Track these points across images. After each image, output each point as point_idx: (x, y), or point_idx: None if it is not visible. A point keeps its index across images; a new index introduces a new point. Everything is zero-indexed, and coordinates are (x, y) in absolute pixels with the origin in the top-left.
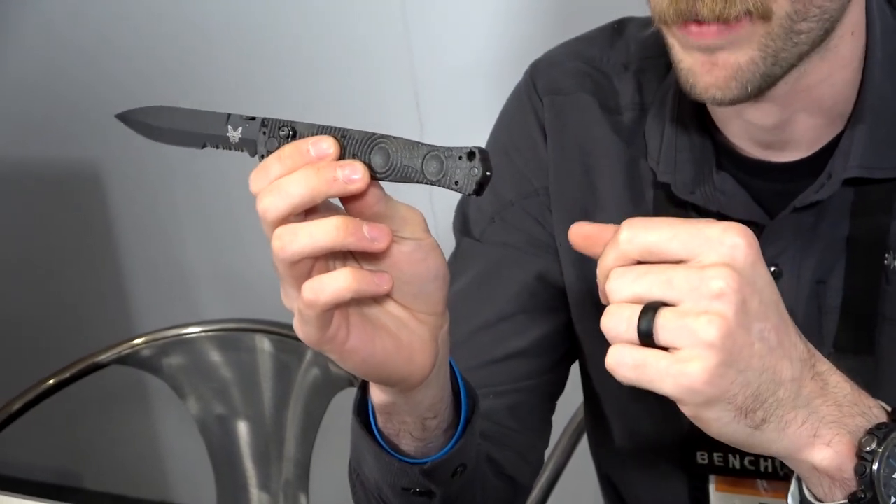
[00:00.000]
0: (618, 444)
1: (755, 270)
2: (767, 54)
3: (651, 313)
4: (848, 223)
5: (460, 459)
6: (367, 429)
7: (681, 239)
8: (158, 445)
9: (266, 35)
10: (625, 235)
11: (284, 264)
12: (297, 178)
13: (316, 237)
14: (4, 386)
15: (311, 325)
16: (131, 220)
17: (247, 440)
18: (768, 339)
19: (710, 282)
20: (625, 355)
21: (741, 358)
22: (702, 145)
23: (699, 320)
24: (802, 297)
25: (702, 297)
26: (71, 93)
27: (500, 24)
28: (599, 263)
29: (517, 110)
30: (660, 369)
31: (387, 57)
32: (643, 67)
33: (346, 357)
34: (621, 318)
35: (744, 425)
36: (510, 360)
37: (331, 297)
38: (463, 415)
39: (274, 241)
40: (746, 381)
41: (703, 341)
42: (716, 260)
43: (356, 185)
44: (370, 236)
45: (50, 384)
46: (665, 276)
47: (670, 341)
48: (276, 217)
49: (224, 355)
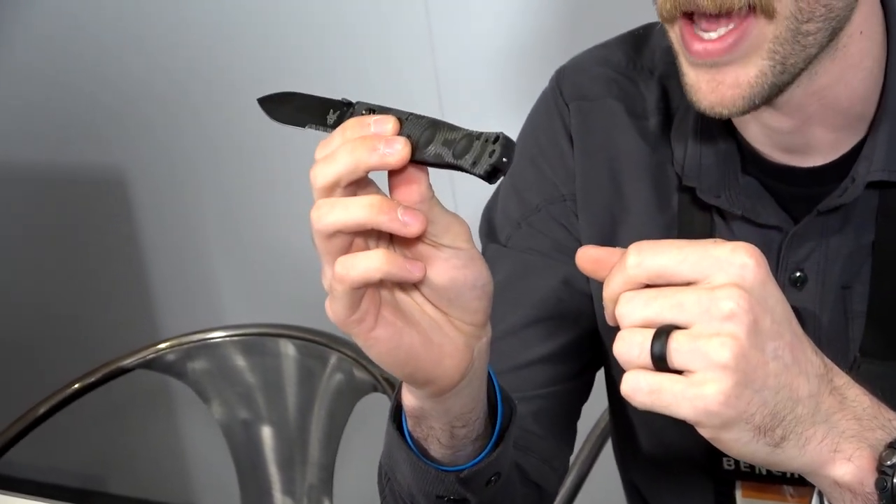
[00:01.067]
0: (643, 450)
1: (765, 289)
2: (776, 62)
3: (664, 337)
4: (873, 227)
5: (496, 468)
6: (401, 435)
7: (690, 261)
8: (183, 450)
9: (289, 28)
10: (633, 260)
11: (320, 236)
12: (345, 147)
13: (350, 211)
14: (30, 390)
15: (340, 302)
16: (156, 224)
17: (271, 445)
18: (783, 356)
19: (720, 303)
20: (640, 381)
21: (756, 378)
22: (726, 150)
23: (712, 342)
24: (828, 302)
25: (713, 319)
26: (96, 97)
27: (522, 15)
28: (606, 287)
29: (543, 116)
30: (675, 393)
31: (409, 48)
32: (668, 73)
33: (371, 344)
34: (633, 343)
35: (763, 444)
36: (535, 366)
37: (361, 274)
38: (498, 423)
39: (312, 212)
40: (763, 401)
41: (717, 363)
42: (725, 281)
43: (394, 158)
44: (403, 219)
45: (75, 388)
46: (675, 299)
47: (684, 364)
48: (322, 185)
49: (248, 360)
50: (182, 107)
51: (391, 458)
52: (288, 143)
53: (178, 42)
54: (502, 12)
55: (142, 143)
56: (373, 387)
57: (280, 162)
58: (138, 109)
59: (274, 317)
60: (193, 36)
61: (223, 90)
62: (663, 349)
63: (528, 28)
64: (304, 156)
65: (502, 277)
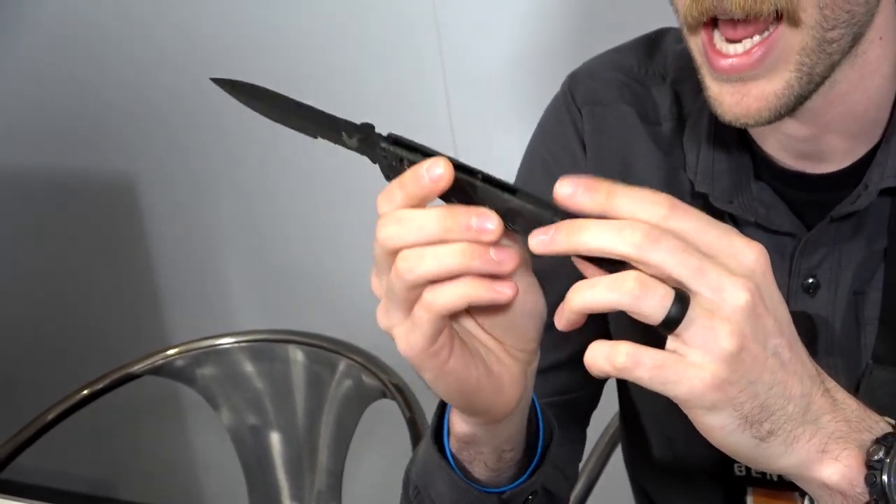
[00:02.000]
0: (654, 456)
1: (772, 289)
2: (803, 73)
3: (683, 304)
4: (886, 234)
5: (534, 487)
6: (442, 456)
7: (713, 234)
8: (191, 456)
9: (301, 36)
10: (662, 209)
11: (406, 285)
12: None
13: (443, 261)
14: (39, 395)
15: (421, 331)
16: (166, 230)
17: (280, 451)
18: (781, 354)
19: (737, 291)
20: (644, 356)
21: (752, 370)
22: (739, 156)
23: (723, 326)
24: (840, 308)
25: (725, 301)
26: (106, 101)
27: (530, 26)
28: (622, 206)
29: (555, 121)
30: (678, 371)
31: (418, 60)
32: (680, 78)
33: (443, 377)
34: (655, 292)
35: (749, 436)
36: (548, 373)
37: (451, 299)
38: (540, 444)
39: (399, 263)
40: (755, 392)
41: (722, 350)
42: (739, 270)
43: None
44: (497, 258)
45: (84, 394)
46: (700, 264)
47: (690, 337)
48: (395, 248)
49: (257, 366)
50: (193, 112)
51: (426, 475)
52: (299, 149)
53: (189, 45)
54: (510, 23)
55: (151, 148)
56: (381, 393)
57: (291, 168)
58: (148, 114)
59: (282, 323)
60: (205, 39)
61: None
62: (680, 315)
63: (537, 38)
64: (315, 162)
65: None
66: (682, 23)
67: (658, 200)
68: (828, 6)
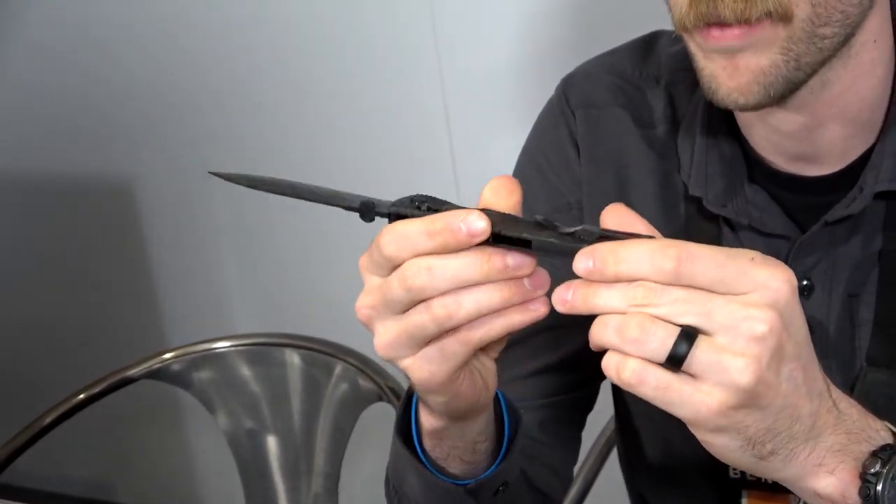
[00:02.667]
0: (649, 458)
1: (794, 312)
2: (790, 58)
3: (689, 341)
4: (881, 237)
5: (504, 478)
6: (409, 448)
7: (730, 270)
8: (188, 459)
9: (299, 39)
10: (671, 259)
11: (443, 329)
12: (467, 267)
13: (483, 304)
14: (36, 399)
15: (452, 363)
16: (162, 234)
17: (276, 454)
18: (795, 378)
19: (753, 323)
20: (648, 374)
21: (764, 398)
22: (733, 158)
23: (736, 361)
24: (835, 311)
25: (740, 337)
26: (103, 105)
27: (527, 27)
28: (631, 253)
29: (549, 124)
30: (682, 395)
31: (415, 62)
32: (674, 81)
33: (455, 399)
34: (655, 335)
35: (750, 454)
36: (542, 375)
37: (489, 335)
38: (506, 434)
39: (437, 310)
40: (763, 417)
41: (735, 382)
42: (760, 301)
43: (525, 272)
44: (532, 286)
45: (81, 398)
46: (706, 306)
47: (700, 372)
48: (429, 297)
49: (254, 370)
50: (190, 115)
51: (398, 472)
52: (297, 152)
53: (186, 49)
54: (508, 25)
55: (149, 152)
56: (378, 396)
57: (288, 172)
58: (146, 118)
59: (279, 327)
60: (203, 43)
61: (233, 99)
62: (686, 353)
63: (534, 41)
64: (313, 167)
65: None
66: (677, 27)
67: (666, 253)
68: (820, 4)
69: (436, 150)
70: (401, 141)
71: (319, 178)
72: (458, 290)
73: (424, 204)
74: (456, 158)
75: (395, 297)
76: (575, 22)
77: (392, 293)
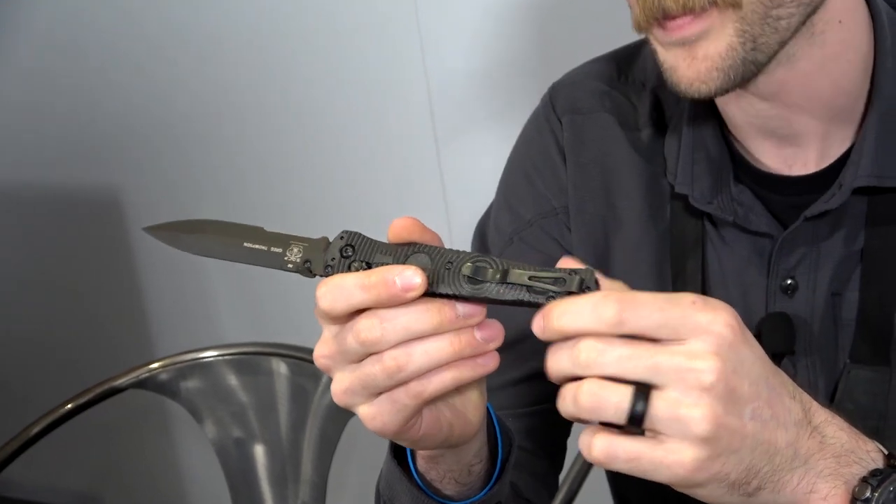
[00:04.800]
0: None
1: (742, 352)
2: (746, 39)
3: (643, 399)
4: (863, 234)
5: (498, 498)
6: (403, 468)
7: (670, 326)
8: (176, 468)
9: (285, 51)
10: (611, 313)
11: (393, 382)
12: (417, 318)
13: (433, 357)
14: (23, 410)
15: (403, 415)
16: (150, 244)
17: (264, 463)
18: (761, 415)
19: (700, 375)
20: (616, 448)
21: (733, 442)
22: (719, 157)
23: (692, 413)
24: (818, 309)
25: (691, 388)
26: (90, 117)
27: (514, 31)
28: (564, 320)
29: (536, 131)
30: (654, 460)
31: (400, 65)
32: (660, 84)
33: (418, 443)
34: (608, 399)
35: (738, 496)
36: (528, 382)
37: (438, 388)
38: (499, 455)
39: (387, 362)
40: (739, 460)
41: (696, 435)
42: (703, 349)
43: (475, 321)
44: (482, 338)
45: (68, 408)
46: (652, 361)
47: (661, 430)
48: (378, 349)
49: (241, 379)
50: (177, 126)
51: (391, 489)
52: (285, 163)
53: (173, 61)
54: (493, 30)
55: (137, 163)
56: None
57: (277, 183)
58: (134, 129)
59: (266, 336)
60: (190, 56)
61: (220, 110)
62: (643, 411)
63: (521, 45)
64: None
65: None
66: (635, 28)
67: (606, 305)
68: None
69: (422, 150)
70: (386, 140)
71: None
72: (409, 342)
73: (350, 249)
74: (441, 158)
75: (349, 348)
76: (561, 20)
77: (346, 344)
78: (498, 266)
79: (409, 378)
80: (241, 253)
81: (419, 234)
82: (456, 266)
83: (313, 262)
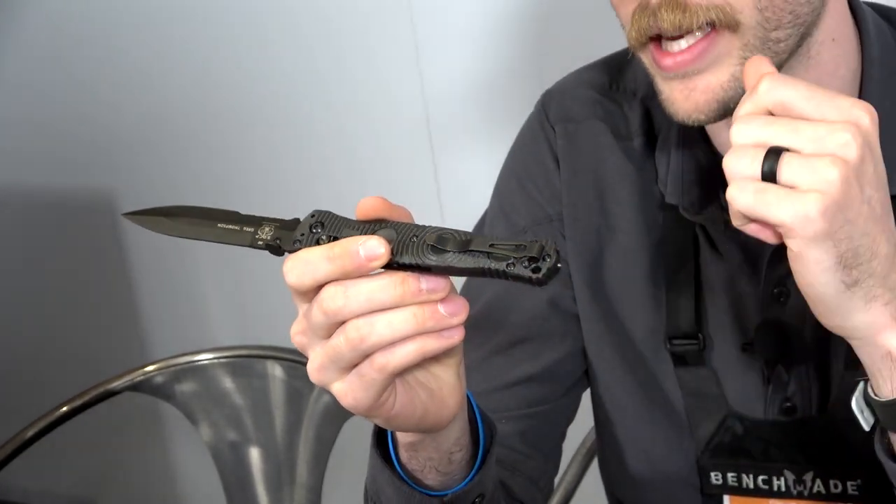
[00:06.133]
0: (630, 468)
1: (874, 142)
2: None
3: (775, 156)
4: None
5: (480, 489)
6: (385, 460)
7: (816, 100)
8: (171, 472)
9: (280, 59)
10: (764, 86)
11: (358, 353)
12: (380, 289)
13: (397, 328)
14: (19, 413)
15: (373, 390)
16: (144, 247)
17: (259, 466)
18: (875, 207)
19: (836, 133)
20: (746, 185)
21: (851, 208)
22: (709, 167)
23: (823, 160)
24: (810, 316)
25: (826, 146)
26: (85, 121)
27: (509, 37)
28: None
29: (530, 139)
30: (780, 196)
31: (396, 71)
32: (650, 93)
33: (392, 421)
34: (745, 156)
35: (838, 279)
36: (522, 385)
37: (403, 360)
38: (481, 445)
39: (350, 333)
40: (850, 234)
41: (825, 179)
42: (843, 119)
43: (439, 296)
44: (448, 312)
45: (63, 411)
46: (793, 124)
47: (792, 179)
48: (343, 319)
49: (236, 382)
50: (171, 130)
51: (375, 483)
52: (278, 165)
53: (168, 66)
54: (490, 38)
55: (131, 166)
56: None
57: (270, 185)
58: (127, 133)
59: (261, 339)
60: (184, 60)
61: (213, 111)
62: (774, 165)
63: (517, 52)
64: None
65: (489, 298)
66: (630, 45)
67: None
68: (768, 8)
69: (417, 156)
70: (382, 147)
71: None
72: (372, 313)
73: (319, 227)
74: (437, 164)
75: (317, 322)
76: (556, 27)
77: (314, 318)
78: (461, 236)
79: (373, 349)
80: (214, 233)
81: (388, 213)
82: (421, 238)
83: (283, 240)
